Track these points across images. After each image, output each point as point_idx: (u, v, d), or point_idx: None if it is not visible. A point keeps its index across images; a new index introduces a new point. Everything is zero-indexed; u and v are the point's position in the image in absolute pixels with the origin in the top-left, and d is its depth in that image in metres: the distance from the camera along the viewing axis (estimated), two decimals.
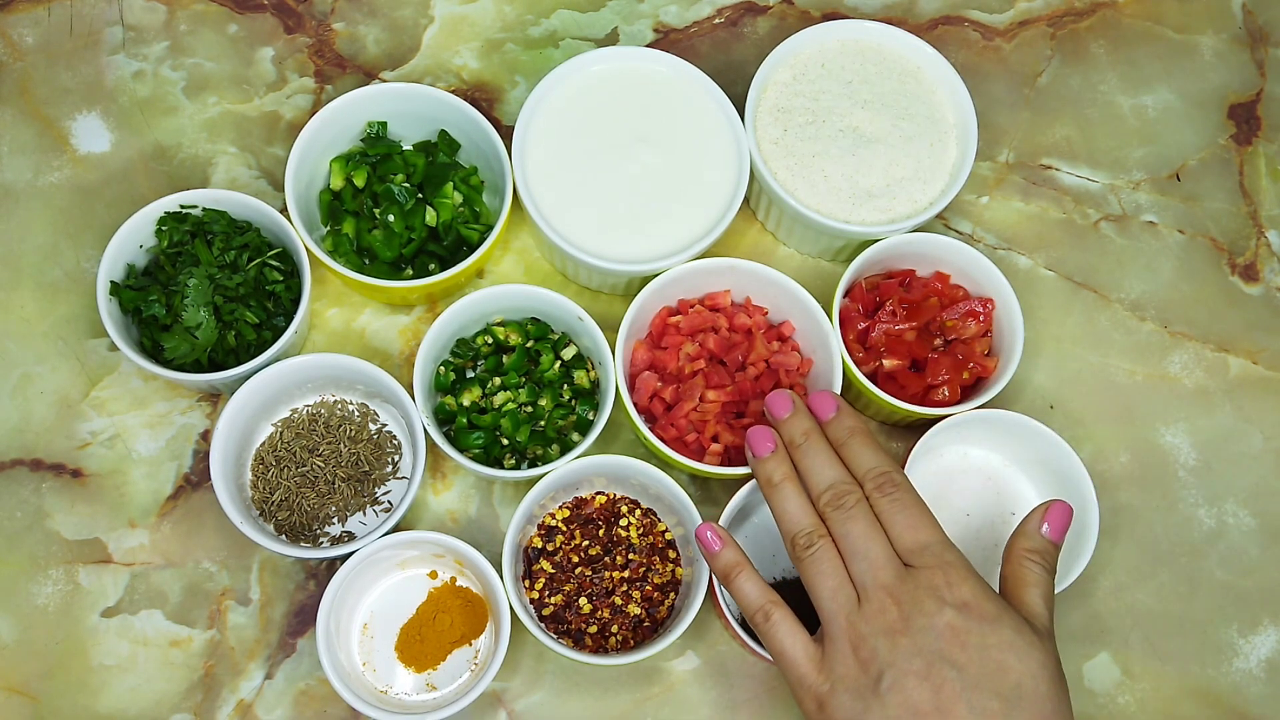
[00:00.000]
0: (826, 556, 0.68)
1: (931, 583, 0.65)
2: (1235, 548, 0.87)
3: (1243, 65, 1.01)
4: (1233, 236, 0.95)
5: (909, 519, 0.68)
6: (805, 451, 0.72)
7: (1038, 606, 0.68)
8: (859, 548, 0.67)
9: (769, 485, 0.72)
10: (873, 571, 0.66)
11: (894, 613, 0.65)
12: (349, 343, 0.88)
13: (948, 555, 0.67)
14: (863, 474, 0.71)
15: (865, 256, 0.85)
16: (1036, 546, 0.70)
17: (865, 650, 0.65)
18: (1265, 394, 0.91)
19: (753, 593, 0.70)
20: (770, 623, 0.69)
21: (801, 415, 0.74)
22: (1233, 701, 0.84)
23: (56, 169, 0.91)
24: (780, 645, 0.68)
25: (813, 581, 0.68)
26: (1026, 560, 0.70)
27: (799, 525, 0.70)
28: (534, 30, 0.98)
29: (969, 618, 0.64)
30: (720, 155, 0.87)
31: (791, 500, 0.71)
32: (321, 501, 0.82)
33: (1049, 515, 0.71)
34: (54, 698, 0.79)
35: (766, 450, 0.73)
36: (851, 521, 0.68)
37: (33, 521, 0.83)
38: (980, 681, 0.62)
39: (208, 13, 0.96)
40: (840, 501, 0.69)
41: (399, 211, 0.85)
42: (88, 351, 0.87)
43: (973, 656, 0.63)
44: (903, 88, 0.90)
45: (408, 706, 0.78)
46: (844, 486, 0.70)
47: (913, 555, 0.67)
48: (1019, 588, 0.69)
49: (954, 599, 0.65)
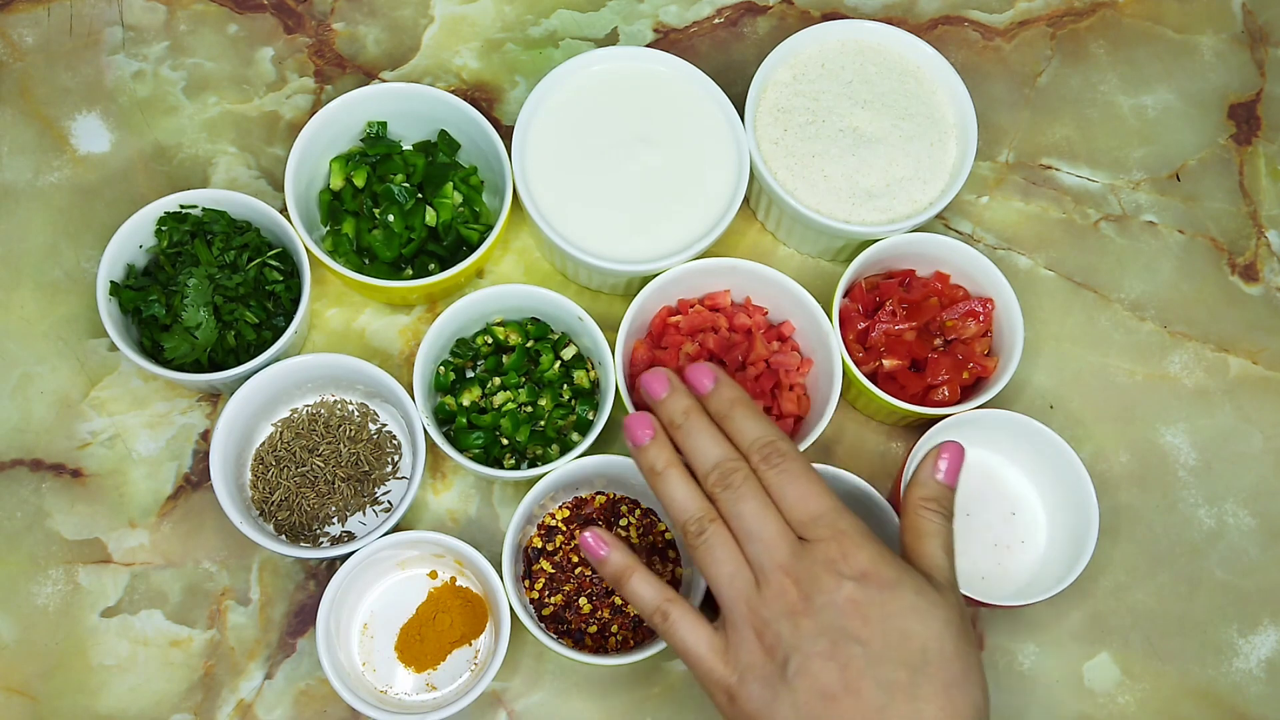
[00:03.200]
0: (719, 542, 0.65)
1: (828, 556, 0.63)
2: (1235, 548, 0.87)
3: (1243, 65, 1.01)
4: (1233, 236, 0.95)
5: (798, 490, 0.66)
6: (686, 431, 0.69)
7: (938, 557, 0.66)
8: (751, 528, 0.65)
9: (652, 474, 0.69)
10: (768, 552, 0.64)
11: (793, 593, 0.63)
12: (349, 343, 0.88)
13: (841, 523, 0.64)
14: (747, 446, 0.68)
15: (865, 256, 0.85)
16: (933, 494, 0.68)
17: (769, 635, 0.63)
18: (1265, 394, 0.91)
19: (647, 594, 0.68)
20: (669, 622, 0.66)
21: (679, 393, 0.70)
22: (1233, 701, 0.84)
23: (56, 169, 0.91)
24: (682, 643, 0.66)
25: (708, 570, 0.66)
26: (923, 509, 0.68)
27: (688, 512, 0.67)
28: (534, 30, 0.98)
29: (868, 587, 0.62)
30: (720, 155, 0.87)
31: (678, 487, 0.68)
32: (321, 501, 0.82)
33: (940, 458, 0.69)
34: (54, 698, 0.79)
35: (645, 437, 0.69)
36: (741, 501, 0.66)
37: (33, 521, 0.83)
38: (885, 653, 0.61)
39: (208, 13, 0.96)
40: (728, 480, 0.66)
41: (399, 211, 0.85)
42: (88, 351, 0.87)
43: (875, 629, 0.62)
44: (903, 88, 0.90)
45: (408, 706, 0.78)
46: (730, 464, 0.67)
47: (806, 528, 0.65)
48: (918, 539, 0.67)
49: (851, 570, 0.63)
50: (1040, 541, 0.84)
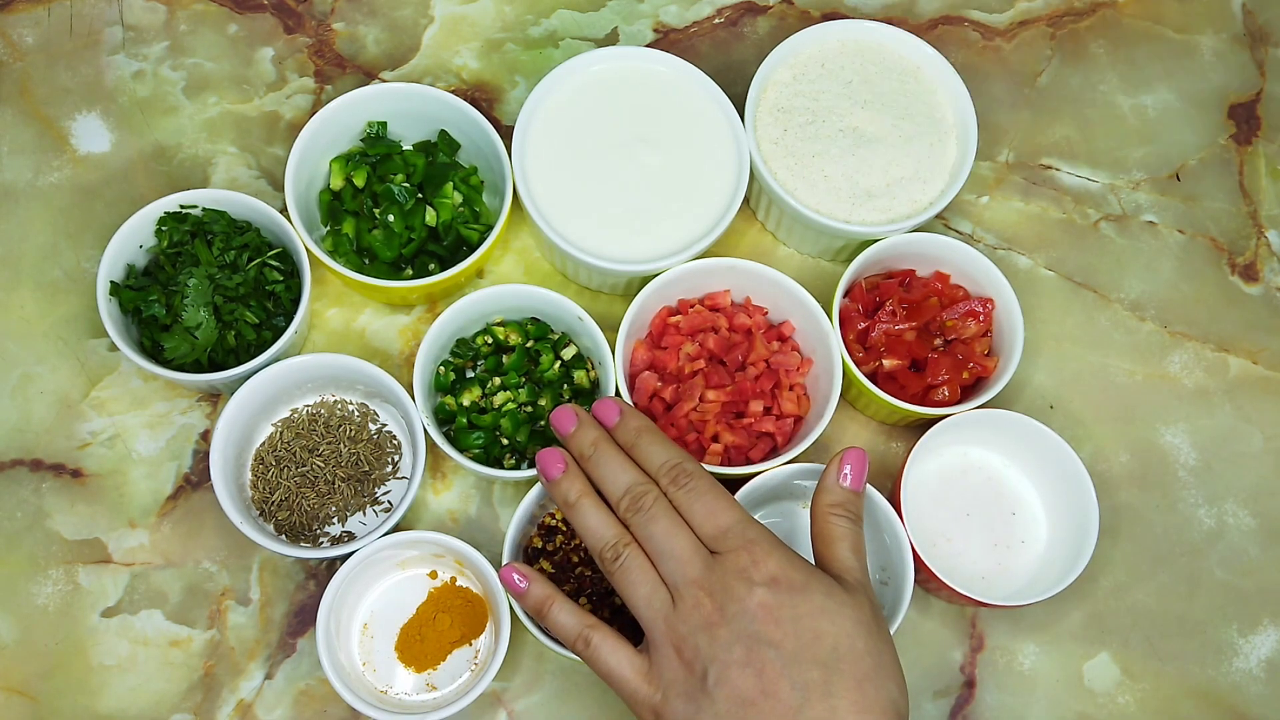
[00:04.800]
0: (634, 565, 0.67)
1: (738, 565, 0.65)
2: (1235, 548, 0.87)
3: (1243, 65, 1.01)
4: (1233, 236, 0.95)
5: (706, 506, 0.67)
6: (596, 461, 0.71)
7: (848, 560, 0.68)
8: (664, 547, 0.66)
9: (567, 506, 0.71)
10: (681, 569, 0.66)
11: (708, 605, 0.64)
12: (349, 343, 0.88)
13: (750, 533, 0.66)
14: (655, 470, 0.70)
15: (865, 256, 0.85)
16: (838, 500, 0.70)
17: (688, 650, 0.64)
18: (1265, 394, 0.91)
19: (568, 622, 0.69)
20: (591, 648, 0.68)
21: (587, 426, 0.72)
22: (1233, 701, 0.84)
23: (56, 169, 0.91)
24: (606, 667, 0.67)
25: (626, 592, 0.67)
26: (831, 516, 0.69)
27: (603, 540, 0.68)
28: (534, 30, 0.98)
29: (779, 592, 0.64)
30: (720, 155, 0.87)
31: (591, 515, 0.69)
32: (321, 501, 0.82)
33: (843, 465, 0.71)
34: (54, 698, 0.79)
35: (557, 471, 0.71)
36: (653, 523, 0.67)
37: (33, 521, 0.83)
38: (798, 654, 0.62)
39: (208, 13, 0.96)
40: (638, 505, 0.68)
41: (399, 211, 0.85)
42: (88, 351, 0.87)
43: (788, 631, 0.63)
44: (903, 88, 0.90)
45: (408, 706, 0.78)
46: (640, 489, 0.69)
47: (716, 541, 0.66)
48: (827, 545, 0.69)
49: (761, 576, 0.64)
50: (1040, 541, 0.84)
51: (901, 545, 0.79)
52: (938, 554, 0.83)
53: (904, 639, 0.83)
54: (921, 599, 0.84)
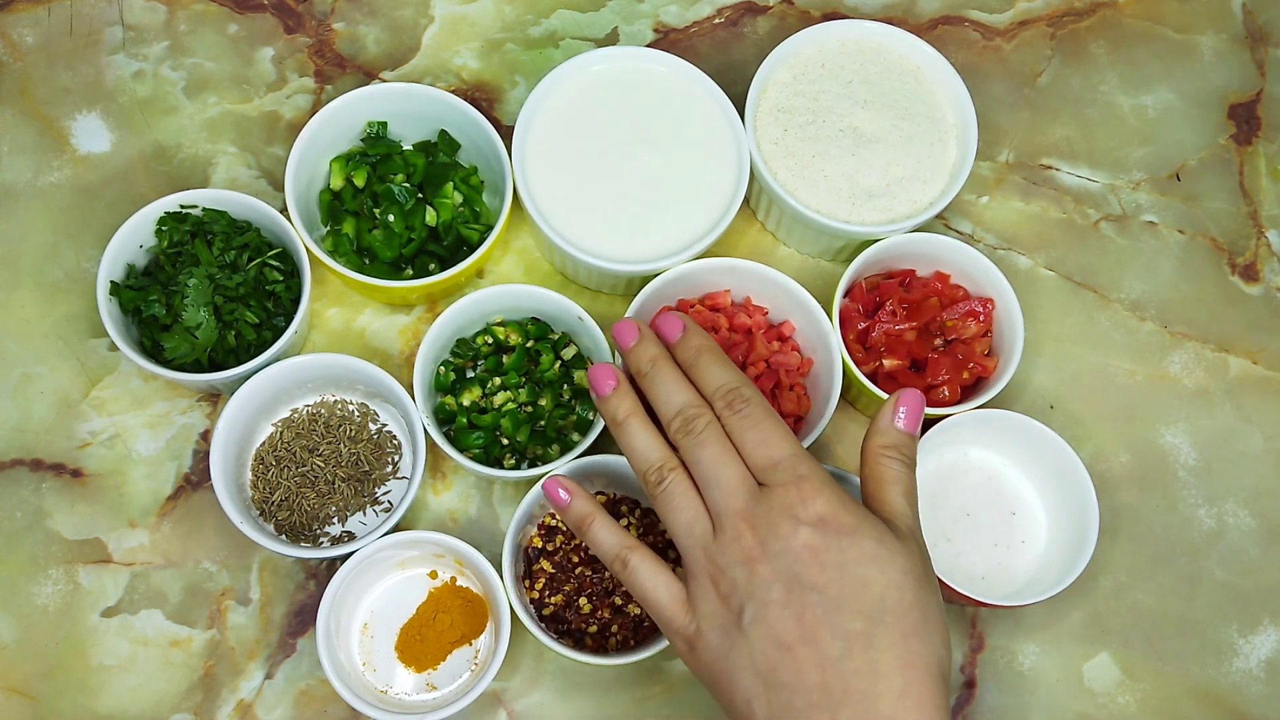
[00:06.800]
0: (679, 490, 0.64)
1: (786, 501, 0.62)
2: (1235, 548, 0.87)
3: (1243, 65, 1.01)
4: (1233, 236, 0.95)
5: (760, 435, 0.64)
6: (652, 379, 0.67)
7: (900, 505, 0.65)
8: (711, 474, 0.64)
9: (615, 424, 0.68)
10: (725, 498, 0.63)
11: (749, 539, 0.61)
12: (349, 343, 0.88)
13: (801, 468, 0.63)
14: (711, 393, 0.66)
15: (865, 256, 0.85)
16: (893, 441, 0.66)
17: (725, 583, 0.62)
18: (1265, 394, 0.91)
19: (609, 540, 0.67)
20: (629, 569, 0.65)
21: (648, 342, 0.69)
22: (1233, 701, 0.84)
23: (56, 169, 0.91)
24: (643, 589, 0.65)
25: (668, 518, 0.65)
26: (884, 458, 0.66)
27: (648, 461, 0.66)
28: (534, 30, 0.98)
29: (826, 534, 0.61)
30: (720, 155, 0.87)
31: (638, 435, 0.66)
32: (321, 501, 0.82)
33: (899, 406, 0.67)
34: (54, 698, 0.79)
35: (608, 388, 0.68)
36: (702, 447, 0.64)
37: (33, 521, 0.83)
38: (842, 602, 0.59)
39: (208, 13, 0.96)
40: (690, 426, 0.65)
41: (399, 211, 0.85)
42: (88, 351, 0.87)
43: (832, 576, 0.60)
44: (903, 88, 0.90)
45: (408, 706, 0.78)
46: (693, 410, 0.65)
47: (766, 473, 0.63)
48: (879, 487, 0.65)
49: (809, 516, 0.61)
50: (1040, 541, 0.84)
51: None
52: (938, 554, 0.83)
53: None
54: None
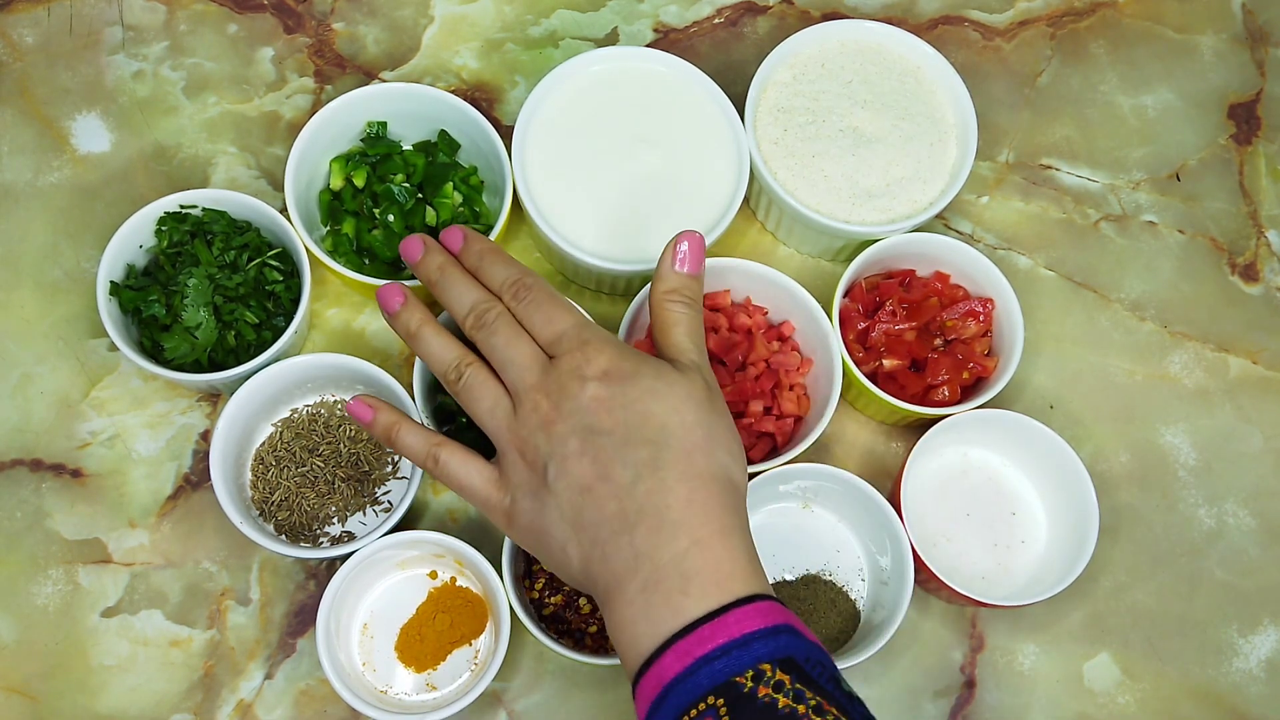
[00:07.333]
0: (477, 380, 0.68)
1: (573, 365, 0.66)
2: (1235, 548, 0.87)
3: (1243, 65, 1.01)
4: (1233, 236, 0.95)
5: (545, 314, 0.68)
6: (443, 285, 0.72)
7: (683, 343, 0.68)
8: (505, 357, 0.68)
9: (409, 336, 0.72)
10: (520, 375, 0.67)
11: (545, 406, 0.65)
12: (349, 343, 0.88)
13: (584, 334, 0.67)
14: (498, 287, 0.71)
15: (865, 256, 0.85)
16: (674, 285, 0.70)
17: (530, 451, 0.65)
18: (1265, 394, 0.91)
19: (417, 443, 0.70)
20: (440, 464, 0.69)
21: (434, 252, 0.73)
22: (1233, 701, 0.84)
23: (56, 169, 0.91)
24: (458, 480, 0.68)
25: (471, 407, 0.68)
26: (667, 302, 0.69)
27: (446, 361, 0.70)
28: (534, 30, 0.98)
29: (610, 384, 0.65)
30: (720, 155, 0.87)
31: (433, 341, 0.71)
32: (321, 501, 0.82)
33: (677, 249, 0.70)
34: (54, 698, 0.79)
35: (397, 304, 0.72)
36: (495, 335, 0.68)
37: (33, 521, 0.83)
38: (629, 437, 0.63)
39: (208, 13, 0.96)
40: (482, 320, 0.69)
41: (399, 211, 0.85)
42: (88, 351, 0.87)
43: (619, 418, 0.64)
44: (903, 88, 0.90)
45: (408, 706, 0.78)
46: (484, 305, 0.69)
47: (554, 346, 0.67)
48: (663, 331, 0.69)
49: (594, 371, 0.65)
50: (1040, 541, 0.84)
51: (901, 545, 0.79)
52: (938, 554, 0.83)
53: (904, 639, 0.83)
54: (921, 599, 0.84)
